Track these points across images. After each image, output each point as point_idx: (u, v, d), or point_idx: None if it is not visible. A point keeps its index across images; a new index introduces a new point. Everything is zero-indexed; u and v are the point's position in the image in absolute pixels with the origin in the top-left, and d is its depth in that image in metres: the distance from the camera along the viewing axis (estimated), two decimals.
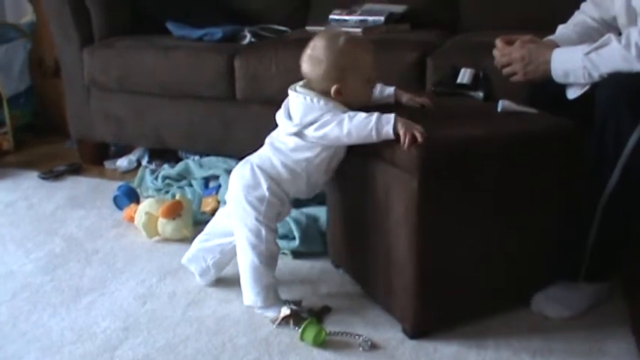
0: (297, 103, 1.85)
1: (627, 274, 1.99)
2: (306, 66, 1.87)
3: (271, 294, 1.93)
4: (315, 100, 1.81)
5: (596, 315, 1.88)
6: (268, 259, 1.91)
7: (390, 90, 1.96)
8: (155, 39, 2.97)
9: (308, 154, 1.85)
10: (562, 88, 1.88)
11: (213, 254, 2.06)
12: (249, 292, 1.93)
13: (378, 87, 1.95)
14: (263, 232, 1.88)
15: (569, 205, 1.85)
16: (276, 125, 1.92)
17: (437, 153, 1.67)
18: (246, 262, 1.91)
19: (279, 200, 1.90)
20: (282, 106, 1.90)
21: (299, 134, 1.83)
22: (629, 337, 1.79)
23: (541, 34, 2.00)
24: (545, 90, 1.93)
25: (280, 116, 1.89)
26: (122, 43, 2.96)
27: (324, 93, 1.83)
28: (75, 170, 3.12)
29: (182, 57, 2.79)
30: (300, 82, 1.89)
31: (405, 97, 1.94)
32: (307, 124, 1.81)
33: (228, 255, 2.05)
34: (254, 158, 1.93)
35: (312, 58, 1.85)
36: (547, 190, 1.83)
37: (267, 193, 1.87)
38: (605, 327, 1.84)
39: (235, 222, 1.93)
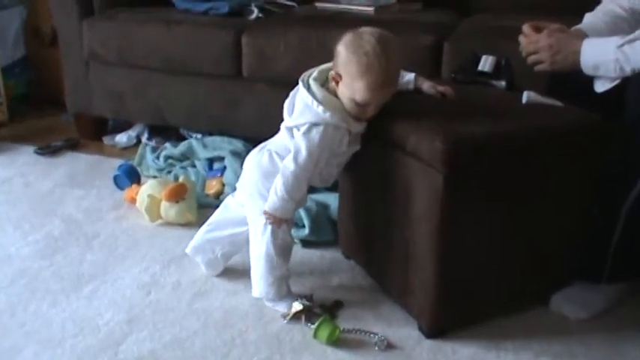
0: (301, 98, 1.76)
1: None
2: None
3: (284, 286, 1.87)
4: (315, 103, 1.72)
5: (615, 318, 1.82)
6: (283, 250, 1.84)
7: (410, 76, 1.87)
8: (158, 12, 2.86)
9: None
10: (587, 79, 1.80)
11: (222, 245, 1.98)
12: (261, 284, 1.86)
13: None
14: None
15: (594, 204, 1.78)
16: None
17: (463, 148, 1.58)
18: (259, 252, 1.84)
19: None
20: (291, 94, 1.82)
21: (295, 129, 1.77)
22: None
23: (557, 19, 1.91)
24: (569, 81, 1.84)
25: (286, 105, 1.82)
26: (123, 15, 2.84)
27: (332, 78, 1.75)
28: (72, 146, 3.01)
29: (186, 32, 2.68)
30: (315, 72, 1.79)
31: (426, 85, 1.85)
32: (298, 125, 1.74)
33: (239, 245, 1.98)
34: (271, 145, 1.86)
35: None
36: (572, 187, 1.76)
37: None
38: (625, 330, 1.78)
39: (251, 210, 1.86)
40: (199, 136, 2.85)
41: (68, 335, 1.77)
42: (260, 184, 1.83)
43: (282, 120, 1.83)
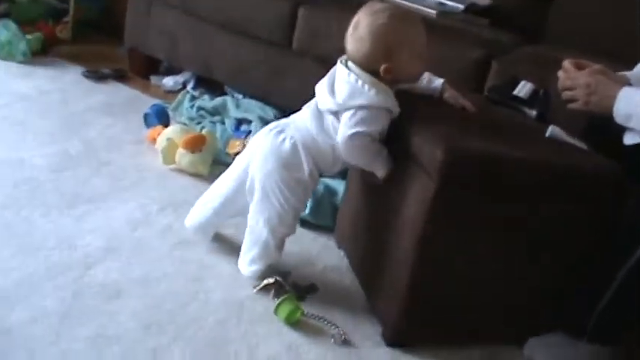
0: (344, 80, 1.68)
1: (630, 346, 1.83)
2: (350, 46, 1.70)
3: (269, 270, 1.82)
4: (366, 86, 1.65)
5: None
6: (282, 241, 1.82)
7: (439, 82, 1.82)
8: None
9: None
10: (620, 129, 1.72)
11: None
12: (250, 266, 1.82)
13: (426, 76, 1.81)
14: (290, 217, 1.77)
15: (593, 258, 1.70)
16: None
17: (464, 162, 1.53)
18: (258, 238, 1.78)
19: (315, 182, 1.80)
20: (327, 76, 1.74)
21: (338, 114, 1.69)
22: None
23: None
24: (608, 127, 1.77)
25: (322, 88, 1.73)
26: None
27: (372, 72, 1.68)
28: (119, 77, 3.06)
29: None
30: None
31: (449, 93, 1.80)
32: (349, 108, 1.66)
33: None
34: (294, 133, 1.74)
35: (356, 37, 1.68)
36: (577, 234, 1.68)
37: (307, 178, 1.74)
38: None
39: (261, 196, 1.76)
40: (241, 96, 2.85)
41: (46, 247, 1.80)
42: (277, 175, 1.73)
43: None
